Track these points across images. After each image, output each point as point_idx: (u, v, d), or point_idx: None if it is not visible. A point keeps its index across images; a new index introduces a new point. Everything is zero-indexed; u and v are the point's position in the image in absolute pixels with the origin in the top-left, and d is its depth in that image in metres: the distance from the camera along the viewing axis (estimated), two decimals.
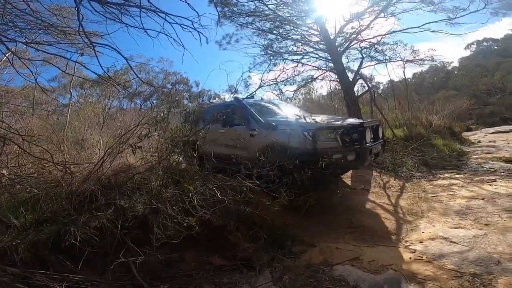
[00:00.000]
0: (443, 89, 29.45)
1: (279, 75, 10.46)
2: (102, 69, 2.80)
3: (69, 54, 3.43)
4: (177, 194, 2.55)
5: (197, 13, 2.50)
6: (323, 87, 30.63)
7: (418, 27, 8.24)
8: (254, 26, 9.74)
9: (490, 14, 7.94)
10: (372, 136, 4.18)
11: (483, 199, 3.84)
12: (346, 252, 2.78)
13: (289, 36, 9.93)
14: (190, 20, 2.49)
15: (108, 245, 2.36)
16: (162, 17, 2.48)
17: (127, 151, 3.87)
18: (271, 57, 10.36)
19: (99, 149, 4.62)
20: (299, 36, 9.94)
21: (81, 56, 3.43)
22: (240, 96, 6.86)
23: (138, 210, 2.38)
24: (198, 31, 2.50)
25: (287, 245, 2.97)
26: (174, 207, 2.35)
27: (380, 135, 4.55)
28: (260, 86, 5.10)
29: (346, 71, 9.10)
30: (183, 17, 2.50)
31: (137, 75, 4.72)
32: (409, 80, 35.15)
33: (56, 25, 3.35)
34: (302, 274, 2.48)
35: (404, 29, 8.52)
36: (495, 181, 4.66)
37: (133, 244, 2.32)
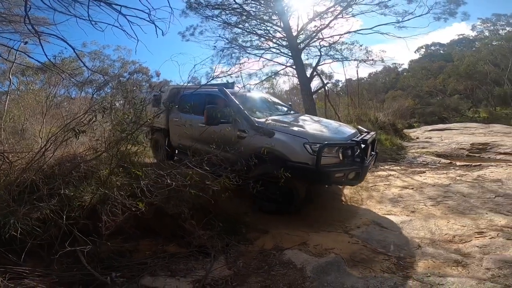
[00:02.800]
0: (393, 89, 31.88)
1: (238, 70, 10.51)
2: (46, 56, 2.65)
3: (12, 43, 3.16)
4: (126, 181, 2.51)
5: (152, 8, 2.45)
6: (286, 82, 31.55)
7: (370, 28, 8.90)
8: (220, 19, 9.64)
9: (433, 19, 8.85)
10: (371, 151, 3.93)
11: (413, 188, 4.40)
12: (295, 238, 3.00)
13: (254, 31, 10.02)
14: (147, 13, 2.43)
15: (53, 236, 2.27)
16: (116, 10, 2.39)
17: (74, 141, 3.66)
18: (235, 51, 10.37)
19: (41, 138, 4.27)
20: (264, 32, 10.08)
21: (24, 44, 3.16)
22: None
23: (85, 199, 2.31)
24: (154, 24, 2.45)
25: (242, 232, 3.12)
26: (122, 192, 2.32)
27: (375, 148, 4.27)
28: (212, 78, 4.68)
29: (305, 67, 9.51)
30: (138, 9, 2.43)
31: (83, 63, 4.41)
32: (365, 79, 37.55)
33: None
34: (255, 258, 2.65)
35: (358, 30, 9.12)
36: (425, 172, 5.35)
37: (82, 235, 2.27)
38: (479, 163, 5.80)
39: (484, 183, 4.41)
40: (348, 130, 4.09)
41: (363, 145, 3.56)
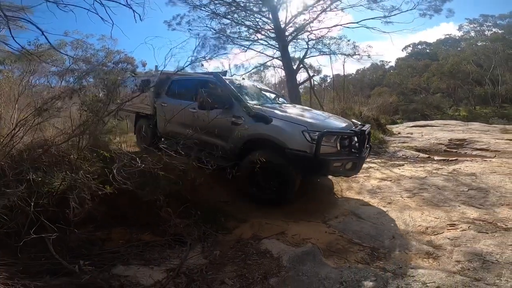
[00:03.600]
0: (379, 86, 32.39)
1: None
2: (15, 41, 2.52)
3: None
4: (98, 166, 2.42)
5: None
6: (274, 75, 31.40)
7: (357, 22, 8.96)
8: (209, 9, 9.45)
9: (419, 15, 9.00)
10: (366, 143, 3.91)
11: (391, 180, 4.50)
12: (274, 227, 3.01)
13: (243, 22, 9.88)
14: None
15: (20, 224, 2.17)
16: None
17: (48, 127, 3.50)
18: (222, 41, 10.22)
19: (12, 123, 4.07)
20: (253, 23, 9.97)
21: None
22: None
23: (54, 185, 2.21)
24: (131, 8, 2.37)
25: (221, 221, 3.09)
26: (89, 175, 2.23)
27: (369, 141, 4.21)
28: (191, 62, 4.14)
29: (293, 60, 9.51)
30: None
31: (56, 49, 4.20)
32: (352, 75, 38.08)
33: None
34: (232, 248, 2.63)
35: (344, 24, 9.15)
36: (403, 165, 5.49)
37: (52, 223, 2.17)
38: (455, 158, 6.00)
39: (458, 177, 4.56)
40: (343, 121, 4.10)
41: (361, 136, 3.58)
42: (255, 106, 3.87)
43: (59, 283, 1.76)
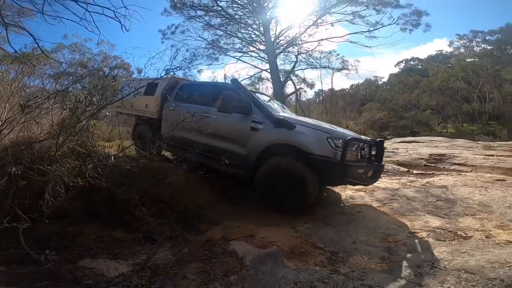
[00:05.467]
0: (371, 101, 33.06)
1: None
2: (11, 46, 2.74)
3: None
4: (77, 163, 2.56)
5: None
6: (268, 89, 32.00)
7: (341, 36, 9.37)
8: (203, 20, 9.80)
9: (400, 29, 9.45)
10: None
11: (365, 191, 4.67)
12: (244, 230, 3.14)
13: (236, 34, 10.24)
14: (113, 10, 2.57)
15: None
16: (83, 7, 2.52)
17: (35, 126, 3.63)
18: (215, 52, 10.55)
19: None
20: (245, 35, 10.33)
21: None
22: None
23: (33, 179, 2.34)
24: (119, 21, 2.60)
25: (194, 223, 3.24)
26: (63, 168, 2.36)
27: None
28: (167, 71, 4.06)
29: (282, 72, 9.85)
30: (104, 7, 2.56)
31: (46, 55, 4.42)
32: (347, 90, 38.84)
33: None
34: (201, 247, 2.76)
35: (329, 38, 9.55)
36: (381, 177, 5.67)
37: (26, 215, 2.29)
38: (432, 172, 6.21)
39: (430, 189, 4.75)
40: (352, 132, 4.24)
41: (379, 146, 3.78)
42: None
43: (24, 271, 1.87)
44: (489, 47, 27.35)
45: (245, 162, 3.78)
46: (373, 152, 3.89)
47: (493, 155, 8.61)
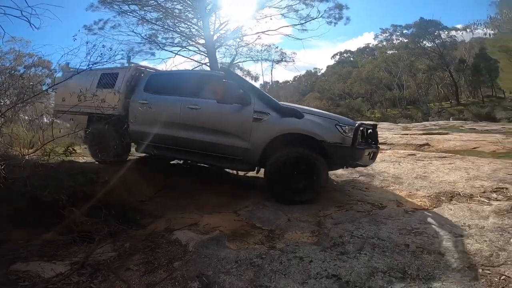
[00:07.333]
0: (312, 91, 35.19)
1: None
2: None
3: None
4: None
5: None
6: None
7: (275, 30, 9.85)
8: (138, 14, 9.17)
9: (326, 23, 10.33)
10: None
11: None
12: (187, 220, 3.24)
13: (173, 29, 9.88)
14: (20, 10, 2.36)
15: None
16: None
17: None
18: (152, 47, 10.06)
19: None
20: (186, 30, 10.05)
21: None
22: None
23: None
24: (27, 20, 2.40)
25: (136, 219, 3.22)
26: None
27: None
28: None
29: (222, 65, 9.91)
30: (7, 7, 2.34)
31: None
32: (290, 82, 40.58)
33: None
34: (144, 240, 2.79)
35: (264, 31, 9.94)
36: None
37: None
38: None
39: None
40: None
41: (375, 129, 4.02)
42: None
43: None
44: (405, 40, 31.14)
45: (248, 156, 3.68)
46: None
47: (407, 134, 10.07)
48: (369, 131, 4.03)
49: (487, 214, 2.98)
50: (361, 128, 3.69)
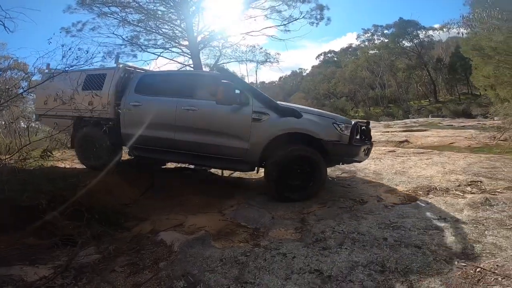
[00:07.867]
0: (298, 91, 35.61)
1: None
2: None
3: None
4: None
5: None
6: None
7: (258, 31, 9.95)
8: (119, 16, 8.98)
9: (308, 23, 10.53)
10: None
11: None
12: (173, 221, 3.24)
13: (156, 30, 9.76)
14: None
15: None
16: None
17: None
18: (134, 49, 9.89)
19: None
20: (168, 31, 9.94)
21: None
22: None
23: None
24: (2, 23, 2.36)
25: (120, 222, 3.19)
26: None
27: None
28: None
29: (207, 67, 9.92)
30: None
31: None
32: (276, 82, 40.99)
33: None
34: (129, 242, 2.78)
35: (248, 32, 10.03)
36: None
37: None
38: None
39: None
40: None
41: (369, 126, 4.14)
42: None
43: None
44: (386, 40, 31.93)
45: (248, 156, 3.71)
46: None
47: (388, 132, 10.41)
48: (362, 127, 4.13)
49: (462, 207, 3.12)
50: (361, 126, 3.86)
